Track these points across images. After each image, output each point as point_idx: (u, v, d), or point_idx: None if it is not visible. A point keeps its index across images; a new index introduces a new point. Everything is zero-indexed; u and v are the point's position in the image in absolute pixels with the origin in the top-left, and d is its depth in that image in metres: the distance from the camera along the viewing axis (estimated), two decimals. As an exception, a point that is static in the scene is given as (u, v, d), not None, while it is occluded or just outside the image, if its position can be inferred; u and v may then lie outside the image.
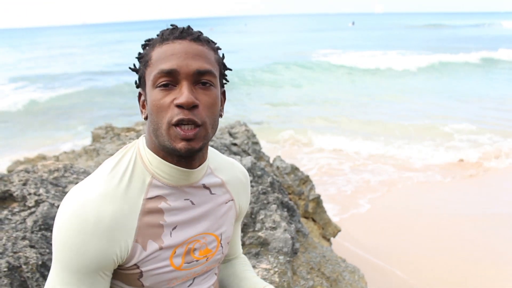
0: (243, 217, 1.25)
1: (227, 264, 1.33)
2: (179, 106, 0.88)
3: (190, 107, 0.88)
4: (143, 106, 0.99)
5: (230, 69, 1.06)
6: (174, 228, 0.98)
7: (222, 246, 1.11)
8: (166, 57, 0.90)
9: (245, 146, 3.73)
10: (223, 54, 1.04)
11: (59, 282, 0.90)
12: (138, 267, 0.95)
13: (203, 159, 1.01)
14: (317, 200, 3.79)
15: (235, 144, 3.69)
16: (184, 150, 0.89)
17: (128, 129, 4.61)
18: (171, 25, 0.98)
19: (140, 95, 1.01)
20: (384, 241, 5.05)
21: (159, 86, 0.90)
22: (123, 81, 17.87)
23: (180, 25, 1.01)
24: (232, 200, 1.13)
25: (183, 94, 0.88)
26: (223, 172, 1.12)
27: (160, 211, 0.96)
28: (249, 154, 3.66)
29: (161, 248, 0.96)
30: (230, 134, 3.95)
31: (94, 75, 21.25)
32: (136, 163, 0.97)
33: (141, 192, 0.94)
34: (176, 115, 0.88)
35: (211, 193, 1.06)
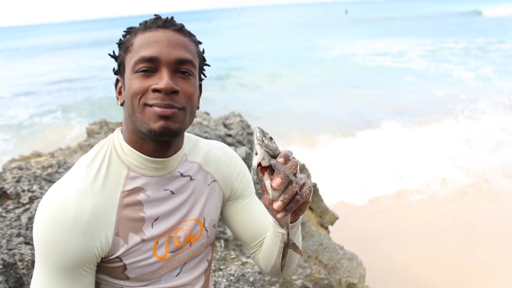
0: (248, 190, 1.18)
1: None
2: (157, 90, 0.88)
3: (169, 92, 0.88)
4: (120, 93, 0.99)
5: (209, 65, 1.07)
6: (156, 219, 0.98)
7: (206, 230, 1.10)
8: (148, 44, 0.91)
9: (240, 137, 3.72)
10: (203, 49, 1.05)
11: (43, 280, 0.90)
12: (121, 260, 0.95)
13: (178, 147, 1.01)
14: (314, 189, 3.80)
15: (229, 135, 3.68)
16: (160, 130, 0.88)
17: (123, 124, 4.59)
18: (155, 15, 0.98)
19: (117, 81, 1.00)
20: (383, 228, 5.07)
21: (139, 72, 0.90)
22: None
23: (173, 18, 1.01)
24: (214, 181, 1.11)
25: (163, 80, 0.88)
26: (199, 155, 1.10)
27: (139, 203, 0.95)
28: (244, 145, 3.65)
29: (143, 240, 0.96)
30: (225, 125, 3.94)
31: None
32: (112, 157, 0.96)
33: (117, 185, 0.94)
34: (152, 99, 0.88)
35: (191, 179, 1.05)
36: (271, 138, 0.86)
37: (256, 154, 0.85)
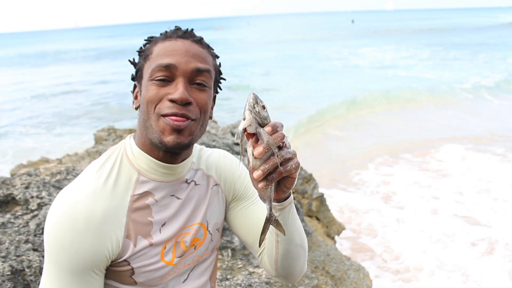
0: (250, 192, 1.18)
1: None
2: (172, 101, 0.90)
3: (184, 103, 0.90)
4: (136, 97, 1.02)
5: (224, 79, 1.09)
6: (163, 224, 1.00)
7: (210, 233, 1.11)
8: (167, 52, 0.93)
9: (248, 146, 3.72)
10: (220, 63, 1.07)
11: (53, 284, 0.90)
12: (129, 264, 0.96)
13: (187, 155, 1.03)
14: (321, 199, 3.78)
15: (237, 144, 3.68)
16: (172, 143, 0.91)
17: (131, 131, 4.62)
18: (175, 26, 1.02)
19: (135, 87, 1.03)
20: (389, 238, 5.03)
21: (156, 80, 0.92)
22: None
23: (181, 26, 1.04)
24: (216, 184, 1.14)
25: (179, 90, 0.90)
26: (202, 161, 1.13)
27: (147, 207, 0.97)
28: (251, 154, 3.64)
29: (151, 245, 0.97)
30: (233, 134, 3.94)
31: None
32: (122, 161, 0.98)
33: (128, 189, 0.96)
34: (167, 108, 0.90)
35: (195, 184, 1.08)
36: (263, 107, 0.83)
37: (244, 119, 0.82)
